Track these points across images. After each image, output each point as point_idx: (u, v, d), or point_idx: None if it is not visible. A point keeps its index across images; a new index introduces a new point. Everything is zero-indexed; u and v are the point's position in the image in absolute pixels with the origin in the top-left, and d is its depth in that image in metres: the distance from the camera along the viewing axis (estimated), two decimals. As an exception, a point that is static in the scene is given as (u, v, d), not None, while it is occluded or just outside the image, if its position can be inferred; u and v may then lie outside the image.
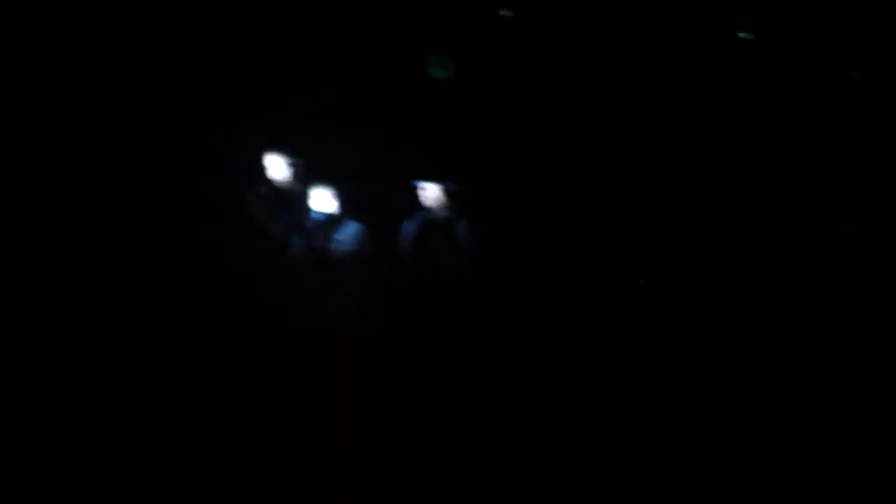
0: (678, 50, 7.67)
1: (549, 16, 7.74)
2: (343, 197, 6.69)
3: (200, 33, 7.39)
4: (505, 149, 7.12)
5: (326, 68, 7.47)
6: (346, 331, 6.57)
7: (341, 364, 6.36)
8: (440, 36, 7.67)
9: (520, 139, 7.20)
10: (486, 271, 6.69)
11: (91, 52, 7.23)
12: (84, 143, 7.01)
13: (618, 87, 7.46)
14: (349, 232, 6.69)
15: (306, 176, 6.76)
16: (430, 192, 6.72)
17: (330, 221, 6.68)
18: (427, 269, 6.67)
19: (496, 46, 7.65)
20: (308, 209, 6.67)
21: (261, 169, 6.78)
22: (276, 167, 6.79)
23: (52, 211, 6.81)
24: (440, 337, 6.55)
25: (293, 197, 6.72)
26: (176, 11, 7.41)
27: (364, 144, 7.24)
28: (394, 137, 7.28)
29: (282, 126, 7.05)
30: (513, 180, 7.07)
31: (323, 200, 6.67)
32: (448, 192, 6.71)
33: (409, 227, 6.76)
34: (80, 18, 7.31)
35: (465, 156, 7.03)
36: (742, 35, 7.69)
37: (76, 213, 6.83)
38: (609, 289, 6.76)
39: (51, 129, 7.04)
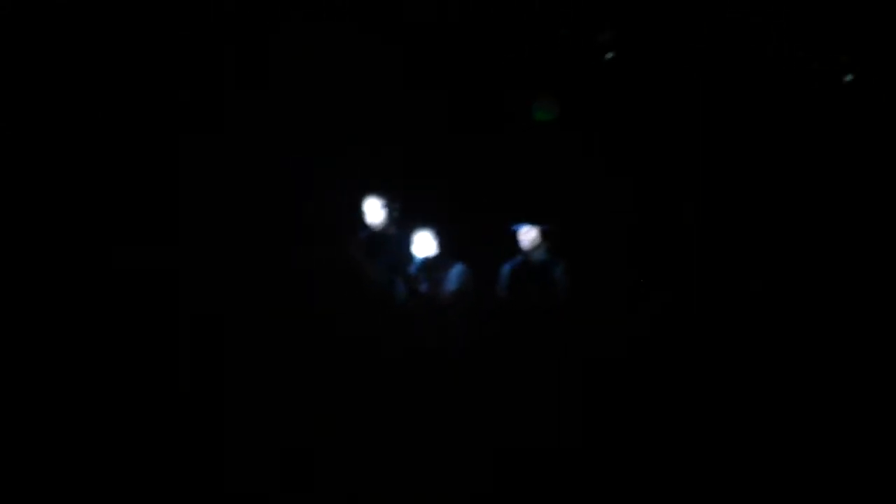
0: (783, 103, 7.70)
1: (652, 61, 7.83)
2: (446, 239, 6.83)
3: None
4: (603, 191, 7.25)
5: (431, 112, 7.54)
6: (450, 368, 6.70)
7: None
8: (545, 79, 7.78)
9: (617, 182, 7.34)
10: (581, 311, 6.83)
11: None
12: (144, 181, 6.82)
13: (715, 133, 7.52)
14: (454, 274, 6.82)
15: (409, 219, 6.85)
16: (529, 235, 6.89)
17: (434, 264, 6.80)
18: (524, 310, 6.82)
19: (597, 90, 7.77)
20: (412, 252, 6.78)
21: (361, 212, 6.82)
22: (376, 210, 6.82)
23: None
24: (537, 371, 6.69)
25: (397, 240, 6.79)
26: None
27: (464, 187, 7.39)
28: (495, 180, 7.43)
29: (381, 169, 7.11)
30: (609, 223, 7.19)
31: (426, 243, 6.80)
32: (545, 235, 6.88)
33: (506, 269, 6.94)
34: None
35: (564, 198, 7.19)
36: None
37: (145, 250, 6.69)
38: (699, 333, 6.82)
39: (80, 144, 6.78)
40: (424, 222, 6.84)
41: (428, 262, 6.81)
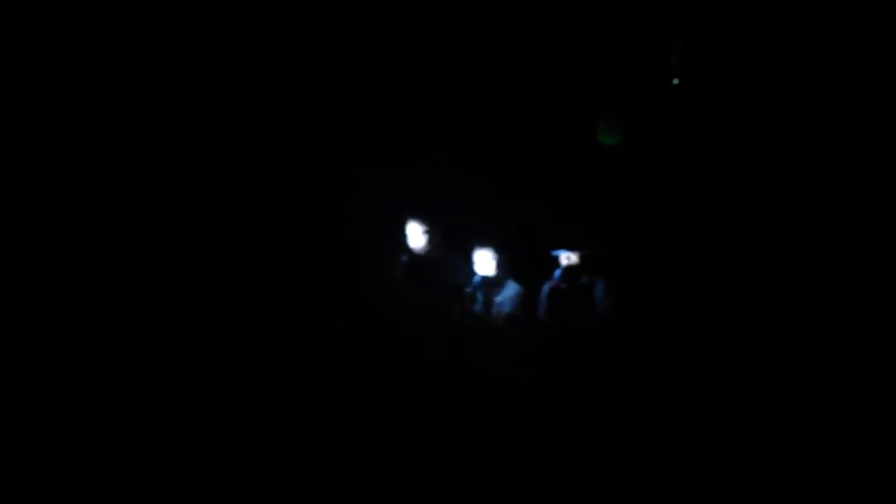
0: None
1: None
2: (502, 260, 7.03)
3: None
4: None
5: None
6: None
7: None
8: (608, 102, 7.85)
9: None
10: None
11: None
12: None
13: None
14: (508, 295, 7.01)
15: (462, 240, 7.05)
16: (569, 260, 7.07)
17: (491, 283, 7.00)
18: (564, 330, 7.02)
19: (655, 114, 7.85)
20: (470, 272, 7.02)
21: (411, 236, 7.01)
22: (417, 235, 7.01)
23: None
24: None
25: (443, 262, 7.00)
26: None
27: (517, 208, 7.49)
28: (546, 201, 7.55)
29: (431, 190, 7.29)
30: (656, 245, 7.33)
31: (485, 262, 7.01)
32: (585, 260, 7.06)
33: (545, 291, 7.10)
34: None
35: (608, 220, 7.35)
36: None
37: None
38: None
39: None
40: (481, 243, 7.05)
41: (485, 281, 7.01)
